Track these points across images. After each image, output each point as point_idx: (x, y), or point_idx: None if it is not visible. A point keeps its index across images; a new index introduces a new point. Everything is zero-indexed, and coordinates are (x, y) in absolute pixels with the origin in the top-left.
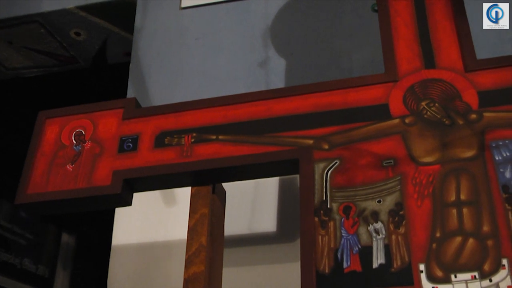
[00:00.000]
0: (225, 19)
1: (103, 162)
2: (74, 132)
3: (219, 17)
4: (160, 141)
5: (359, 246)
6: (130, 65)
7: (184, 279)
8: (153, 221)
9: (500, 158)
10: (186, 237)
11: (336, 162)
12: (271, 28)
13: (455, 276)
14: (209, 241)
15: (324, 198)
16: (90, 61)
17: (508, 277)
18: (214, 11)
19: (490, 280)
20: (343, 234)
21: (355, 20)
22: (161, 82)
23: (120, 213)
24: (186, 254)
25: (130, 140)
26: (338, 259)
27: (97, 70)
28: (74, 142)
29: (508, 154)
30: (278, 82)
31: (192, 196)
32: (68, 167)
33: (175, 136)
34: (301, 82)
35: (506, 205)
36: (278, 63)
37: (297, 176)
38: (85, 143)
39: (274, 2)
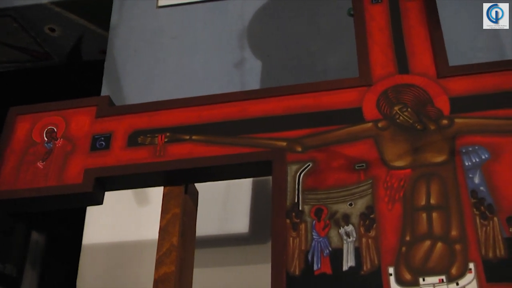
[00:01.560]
0: (202, 19)
1: (74, 160)
2: (46, 129)
3: (196, 17)
4: (133, 140)
5: (330, 249)
6: (105, 62)
7: (155, 279)
8: (125, 221)
9: (469, 163)
10: (157, 237)
11: (309, 165)
12: (247, 29)
13: (423, 280)
14: (180, 241)
15: (296, 200)
16: (65, 57)
17: (474, 280)
18: (191, 10)
19: (457, 284)
20: (314, 237)
21: (331, 24)
22: (136, 80)
23: (91, 212)
24: (157, 254)
25: (102, 138)
26: (309, 262)
27: (72, 67)
28: (46, 139)
29: (477, 160)
30: (253, 83)
31: (164, 196)
32: (38, 164)
33: (148, 135)
34: (276, 84)
35: (474, 210)
36: (254, 64)
37: (270, 177)
38: (56, 140)
39: (251, 3)
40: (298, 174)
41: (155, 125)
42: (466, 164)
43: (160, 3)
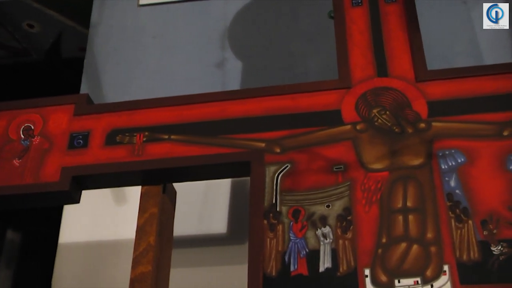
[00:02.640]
0: (183, 18)
1: (51, 158)
2: (23, 127)
3: (177, 16)
4: (112, 138)
5: (307, 250)
6: (85, 60)
7: (131, 279)
8: (102, 220)
9: (446, 167)
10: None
11: (287, 166)
12: (229, 29)
13: (399, 281)
14: (157, 241)
15: (273, 201)
16: (43, 54)
17: (449, 282)
18: (172, 10)
19: (432, 286)
20: (291, 238)
21: (313, 26)
22: (116, 79)
23: (68, 210)
24: (133, 254)
25: (80, 136)
26: (286, 263)
27: (50, 64)
28: (22, 136)
29: (453, 163)
30: (234, 83)
31: (142, 195)
32: (14, 162)
33: (127, 134)
34: (257, 84)
35: (450, 213)
36: (235, 65)
37: (249, 178)
38: (33, 138)
39: (233, 3)
40: (276, 175)
41: (133, 124)
42: (443, 167)
43: (141, 2)
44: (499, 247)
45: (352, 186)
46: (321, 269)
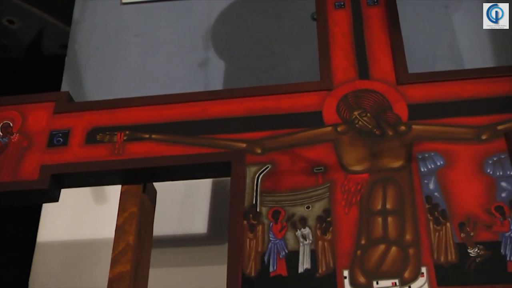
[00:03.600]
0: (167, 17)
1: (31, 156)
2: (1, 124)
3: (160, 15)
4: (92, 137)
5: (286, 251)
6: (66, 58)
7: (109, 279)
8: (82, 219)
9: (425, 169)
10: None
11: (268, 167)
12: (212, 29)
13: (377, 283)
14: (136, 240)
15: (254, 202)
16: (24, 51)
17: (426, 284)
18: (156, 8)
19: (409, 287)
20: (271, 239)
21: (295, 28)
22: (98, 77)
23: (47, 209)
24: (112, 253)
25: (60, 134)
26: (265, 263)
27: (31, 61)
28: (1, 134)
29: (432, 166)
30: (216, 83)
31: (122, 194)
32: None
33: (107, 133)
34: (239, 85)
35: (428, 215)
36: (217, 65)
37: (229, 178)
38: (12, 135)
39: (216, 3)
40: (257, 175)
41: (114, 123)
42: (422, 170)
43: (124, 0)
44: (476, 250)
45: (332, 187)
46: (300, 270)
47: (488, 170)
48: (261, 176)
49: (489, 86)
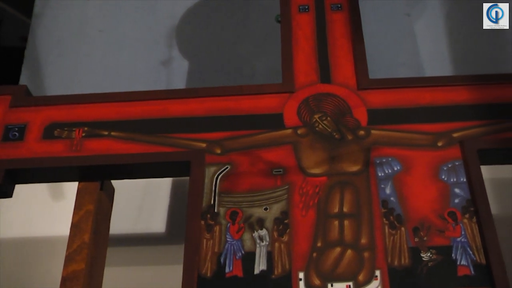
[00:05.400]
0: (131, 13)
1: None
2: None
3: (125, 11)
4: (49, 132)
5: (243, 252)
6: (26, 51)
7: (62, 277)
8: (37, 215)
9: (382, 174)
10: None
11: (227, 167)
12: (177, 28)
13: (332, 285)
14: (92, 238)
15: (212, 202)
16: None
17: (380, 287)
18: (120, 4)
19: None
20: (227, 239)
21: (260, 29)
22: (58, 72)
23: (0, 205)
24: (66, 251)
25: (16, 129)
26: (221, 264)
27: None
28: None
29: (389, 171)
30: (179, 83)
31: (79, 192)
32: None
33: (65, 128)
34: (202, 85)
35: (384, 219)
36: (181, 64)
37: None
38: None
39: (181, 2)
40: (216, 176)
41: (73, 119)
42: (379, 174)
43: None
44: (429, 254)
45: (290, 190)
46: (256, 271)
47: (443, 177)
48: (220, 176)
49: (447, 94)
